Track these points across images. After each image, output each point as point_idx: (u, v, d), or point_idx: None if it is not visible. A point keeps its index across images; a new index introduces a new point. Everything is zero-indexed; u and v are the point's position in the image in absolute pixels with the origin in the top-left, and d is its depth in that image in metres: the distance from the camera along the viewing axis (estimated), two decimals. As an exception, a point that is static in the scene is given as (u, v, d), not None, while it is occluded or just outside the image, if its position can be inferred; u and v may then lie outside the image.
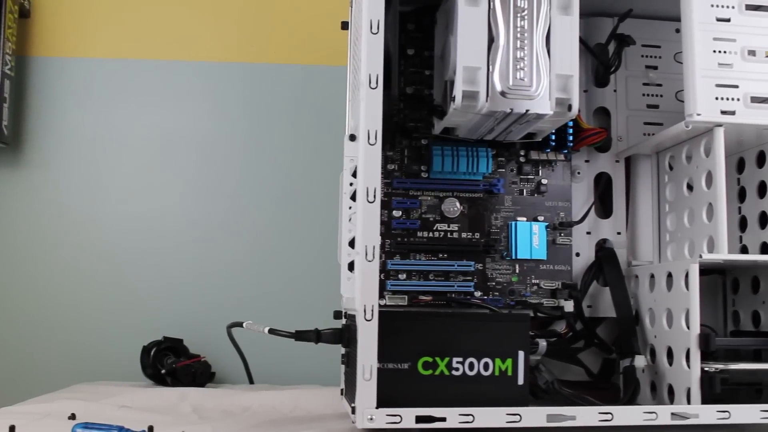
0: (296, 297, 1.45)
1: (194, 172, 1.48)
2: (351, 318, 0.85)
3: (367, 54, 0.81)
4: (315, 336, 0.86)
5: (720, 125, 0.93)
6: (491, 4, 0.86)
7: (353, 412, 0.80)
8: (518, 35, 0.86)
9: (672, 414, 0.85)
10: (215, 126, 1.50)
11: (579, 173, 1.09)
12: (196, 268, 1.46)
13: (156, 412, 1.03)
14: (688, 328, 0.90)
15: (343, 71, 1.06)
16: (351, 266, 0.88)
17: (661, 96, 1.13)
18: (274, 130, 1.50)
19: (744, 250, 1.04)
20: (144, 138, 1.48)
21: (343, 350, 0.93)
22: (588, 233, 1.09)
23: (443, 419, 0.80)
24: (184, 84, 1.50)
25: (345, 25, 1.07)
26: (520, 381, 0.85)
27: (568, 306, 1.03)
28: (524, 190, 1.05)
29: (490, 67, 0.85)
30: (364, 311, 0.78)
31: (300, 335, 0.87)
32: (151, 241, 1.46)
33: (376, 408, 0.78)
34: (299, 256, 1.46)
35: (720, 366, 0.89)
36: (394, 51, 0.90)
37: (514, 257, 1.03)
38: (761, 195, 1.01)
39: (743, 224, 1.05)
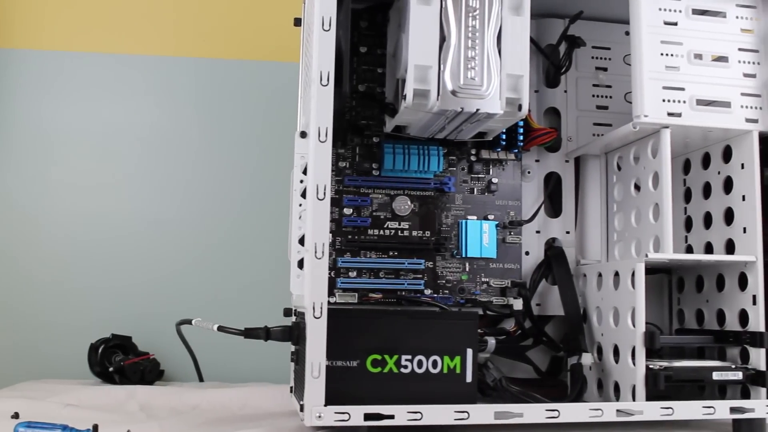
0: (247, 294, 1.44)
1: (144, 168, 1.46)
2: (300, 316, 0.85)
3: (319, 51, 0.81)
4: (264, 333, 0.86)
5: (666, 127, 0.94)
6: (443, 3, 0.87)
7: (302, 409, 0.80)
8: (469, 35, 0.87)
9: (617, 411, 0.87)
10: (167, 121, 1.48)
11: (529, 173, 1.10)
12: (146, 265, 1.44)
13: (102, 411, 1.02)
14: (634, 326, 0.92)
15: (296, 68, 1.06)
16: (301, 264, 0.88)
17: (611, 97, 1.14)
18: (226, 126, 1.49)
19: (689, 249, 1.06)
20: (94, 133, 1.46)
21: (292, 348, 0.93)
22: (537, 232, 1.10)
23: (392, 417, 0.80)
24: (135, 78, 1.48)
25: (298, 22, 1.07)
26: (469, 378, 0.85)
27: (517, 304, 1.04)
28: (475, 189, 1.06)
29: (442, 66, 0.86)
30: (313, 309, 0.78)
31: (249, 333, 0.87)
32: (100, 237, 1.44)
33: (325, 406, 0.78)
34: (250, 254, 1.46)
35: (664, 363, 0.91)
36: (346, 48, 0.89)
37: (464, 255, 1.03)
38: (706, 196, 1.03)
39: (689, 224, 1.06)
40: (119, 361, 1.28)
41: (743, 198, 0.95)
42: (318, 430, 0.85)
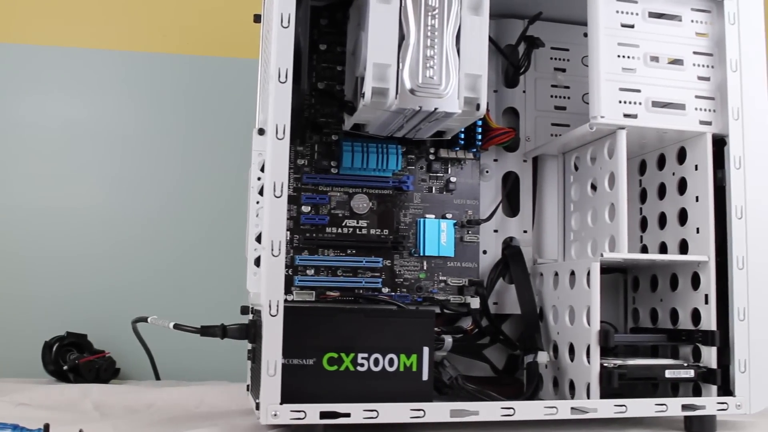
0: (204, 292, 1.43)
1: (101, 164, 1.45)
2: (257, 313, 0.85)
3: (277, 48, 0.81)
4: (221, 331, 0.86)
5: (623, 128, 0.95)
6: (402, 2, 0.87)
7: (257, 408, 0.80)
8: (428, 34, 0.87)
9: (572, 408, 0.88)
10: (125, 117, 1.46)
11: (487, 172, 1.11)
12: (102, 262, 1.42)
13: (55, 410, 1.01)
14: (589, 324, 0.92)
15: (256, 65, 1.05)
16: (257, 262, 0.88)
17: (569, 98, 1.15)
18: (184, 122, 1.48)
19: (644, 249, 1.07)
20: (51, 128, 1.44)
21: (249, 346, 0.93)
22: (495, 231, 1.10)
23: (347, 415, 0.80)
24: (93, 73, 1.47)
25: (257, 18, 1.06)
26: (425, 377, 0.86)
27: (475, 303, 1.04)
28: (433, 188, 1.06)
29: (400, 64, 0.86)
30: (269, 307, 0.77)
31: (206, 331, 0.86)
32: (54, 233, 1.42)
33: (281, 404, 0.78)
34: (207, 251, 1.45)
35: (618, 362, 0.92)
36: (305, 45, 0.89)
37: (422, 254, 1.04)
38: (661, 196, 1.04)
39: (644, 224, 1.08)
40: (74, 360, 1.26)
41: (696, 199, 0.97)
42: (273, 429, 0.85)
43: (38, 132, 1.43)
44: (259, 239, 0.87)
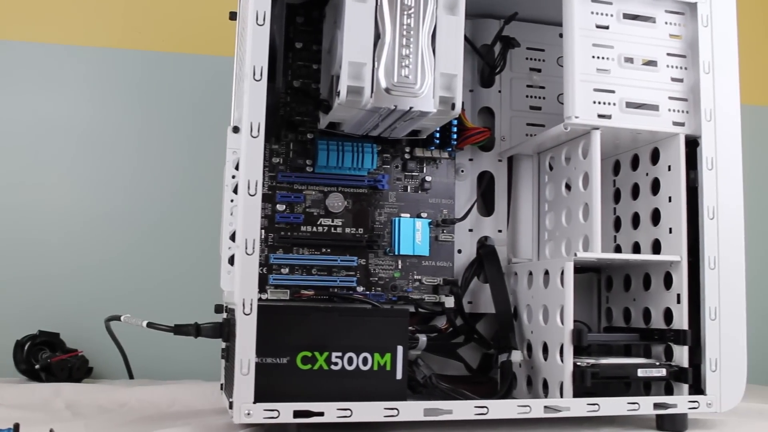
0: (178, 291, 1.42)
1: (74, 161, 1.43)
2: (231, 312, 0.84)
3: (252, 45, 0.81)
4: (194, 330, 0.85)
5: (597, 128, 0.96)
6: (378, 1, 0.87)
7: (231, 407, 0.79)
8: (404, 33, 0.87)
9: (545, 407, 0.88)
10: (99, 114, 1.45)
11: (462, 171, 1.11)
12: (75, 260, 1.41)
13: (26, 409, 1.00)
14: (563, 324, 0.93)
15: (231, 62, 1.05)
16: (231, 260, 0.87)
17: (544, 98, 1.16)
18: (159, 119, 1.47)
19: (618, 249, 1.08)
20: (22, 124, 1.43)
21: (223, 345, 0.93)
22: (470, 230, 1.11)
23: (321, 414, 0.80)
24: (66, 70, 1.45)
25: (233, 16, 1.06)
26: (399, 376, 0.86)
27: (449, 302, 1.04)
28: (408, 187, 1.06)
29: (376, 63, 0.86)
30: (243, 305, 0.77)
31: (179, 329, 0.86)
32: (27, 231, 1.40)
33: (254, 403, 0.78)
34: (181, 249, 1.44)
35: (591, 361, 0.92)
36: (280, 43, 0.89)
37: (396, 253, 1.04)
38: (635, 197, 1.05)
39: (618, 224, 1.08)
40: (46, 359, 1.25)
41: (669, 199, 0.98)
42: (247, 428, 0.85)
43: (9, 129, 1.42)
44: (233, 238, 0.87)
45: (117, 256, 1.42)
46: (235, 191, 0.86)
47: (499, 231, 1.12)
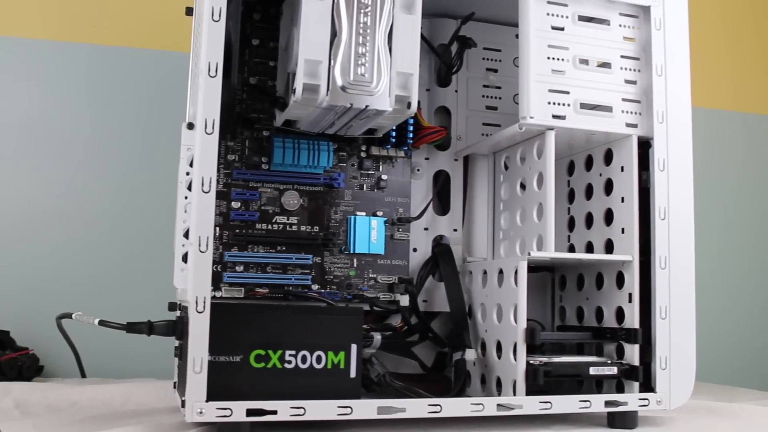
0: (131, 288, 1.40)
1: (24, 155, 1.41)
2: (184, 310, 0.83)
3: (208, 42, 0.81)
4: (147, 328, 0.84)
5: (551, 129, 0.96)
6: (336, -1, 0.87)
7: (183, 405, 0.79)
8: (361, 31, 0.87)
9: (498, 405, 0.89)
10: (50, 108, 1.43)
11: (418, 170, 1.11)
12: (25, 256, 1.39)
13: (-26, 408, 0.98)
14: (516, 322, 0.94)
15: (188, 58, 1.04)
16: (185, 258, 0.87)
17: (500, 98, 1.17)
18: (114, 115, 1.45)
19: (572, 249, 1.09)
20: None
21: (176, 343, 0.92)
22: (425, 229, 1.11)
23: (274, 412, 0.80)
24: (17, 63, 1.43)
25: (189, 11, 1.05)
26: (353, 374, 0.86)
27: (404, 300, 1.04)
28: (364, 185, 1.06)
29: (332, 61, 0.86)
30: (196, 303, 0.77)
31: (132, 327, 0.85)
32: (-23, 227, 1.38)
33: (207, 401, 0.77)
34: (135, 246, 1.42)
35: (544, 359, 0.93)
36: (236, 40, 0.88)
37: (352, 251, 1.04)
38: (588, 197, 1.06)
39: (572, 224, 1.09)
40: (-5, 357, 1.23)
41: (622, 200, 0.99)
42: (199, 426, 0.84)
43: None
44: (187, 235, 0.86)
45: (70, 253, 1.41)
46: (190, 188, 0.86)
47: (455, 230, 1.13)
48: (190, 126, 0.91)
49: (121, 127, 1.45)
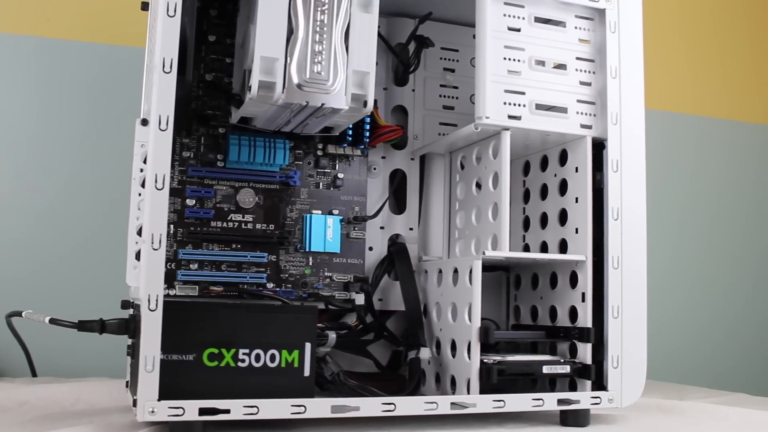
0: (84, 286, 1.39)
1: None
2: (137, 308, 0.83)
3: (162, 37, 0.80)
4: (99, 326, 0.83)
5: (507, 129, 0.97)
6: (293, -5, 0.86)
7: (135, 404, 0.78)
8: (317, 29, 0.86)
9: (452, 404, 0.89)
10: (2, 101, 1.41)
11: (375, 169, 1.11)
12: (-25, 253, 1.37)
13: None
14: (470, 321, 0.94)
15: (143, 53, 1.03)
16: (138, 255, 0.86)
17: (457, 98, 1.17)
18: (70, 109, 1.43)
19: (527, 248, 1.10)
20: None
21: (129, 341, 0.91)
22: (381, 228, 1.11)
23: (227, 411, 0.79)
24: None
25: (145, 6, 1.04)
26: (306, 372, 0.85)
27: (359, 299, 1.04)
28: (320, 184, 1.06)
29: (288, 58, 0.85)
30: (148, 301, 0.76)
31: (83, 325, 0.84)
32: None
33: (159, 400, 0.76)
34: (88, 243, 1.41)
35: (497, 358, 0.94)
36: (191, 36, 0.88)
37: (307, 250, 1.03)
38: (543, 197, 1.07)
39: (527, 224, 1.10)
40: (-57, 355, 1.21)
41: (576, 200, 1.00)
42: (151, 426, 0.84)
43: None
44: (140, 232, 0.85)
45: (20, 251, 1.38)
46: (143, 185, 0.85)
47: (411, 229, 1.13)
48: (144, 122, 0.90)
49: (75, 123, 1.43)
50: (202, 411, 0.78)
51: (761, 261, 1.95)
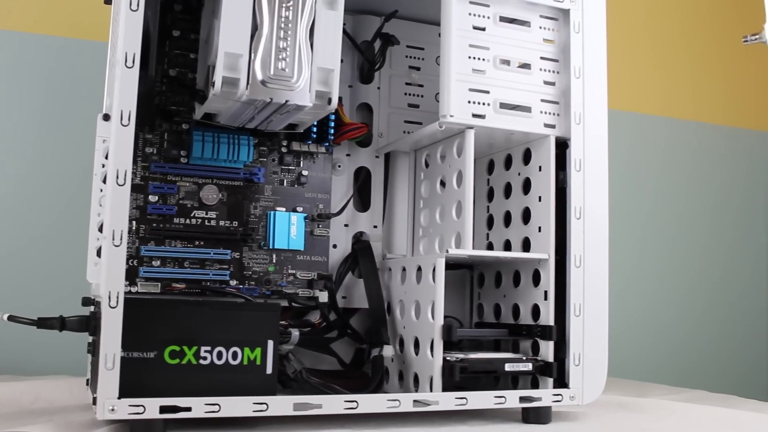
0: (44, 282, 1.37)
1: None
2: (98, 305, 0.82)
3: (125, 31, 0.79)
4: (59, 323, 0.82)
5: (471, 127, 0.97)
6: (257, -8, 0.86)
7: (95, 403, 0.77)
8: (282, 25, 0.86)
9: (414, 401, 0.89)
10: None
11: (339, 166, 1.11)
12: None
13: None
14: (433, 319, 0.94)
15: (106, 48, 1.02)
16: (100, 252, 0.85)
17: (422, 96, 1.17)
18: (30, 103, 1.41)
19: (490, 246, 1.10)
20: None
21: (90, 339, 0.90)
22: (346, 226, 1.11)
23: (188, 409, 0.79)
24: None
25: (108, 0, 1.02)
26: (269, 370, 0.85)
27: (323, 297, 1.04)
28: (285, 181, 1.06)
29: (253, 54, 0.85)
30: (109, 298, 0.75)
31: (43, 323, 0.83)
32: None
33: (119, 398, 0.76)
34: (48, 240, 1.39)
35: (460, 355, 0.94)
36: (154, 30, 0.87)
37: (271, 247, 1.03)
38: (507, 196, 1.07)
39: (491, 222, 1.11)
40: None
41: (539, 199, 1.00)
42: (111, 424, 0.83)
43: None
44: (101, 229, 0.85)
45: (-21, 246, 1.36)
46: (105, 181, 0.84)
47: (375, 227, 1.13)
48: (106, 117, 0.90)
49: (38, 117, 1.41)
50: (163, 409, 0.78)
51: (724, 262, 1.98)
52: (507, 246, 1.06)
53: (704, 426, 0.99)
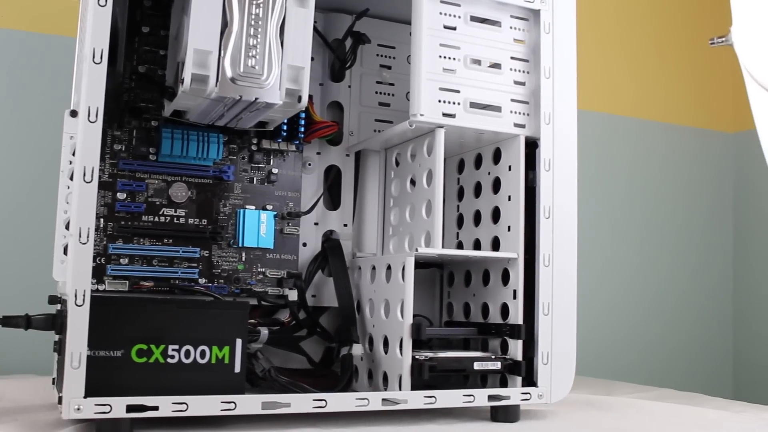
0: (8, 280, 1.35)
1: None
2: (64, 303, 0.81)
3: (93, 27, 0.79)
4: (25, 322, 0.82)
5: (441, 127, 0.98)
6: (227, -12, 0.85)
7: (60, 402, 0.76)
8: (252, 22, 0.86)
9: (383, 400, 0.89)
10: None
11: (310, 165, 1.11)
12: None
13: None
14: (403, 317, 0.94)
15: (75, 43, 1.01)
16: (66, 250, 0.84)
17: (393, 95, 1.17)
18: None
19: (460, 245, 1.10)
20: None
21: (56, 337, 0.89)
22: (316, 224, 1.11)
23: (155, 408, 0.78)
24: None
25: (77, -5, 1.02)
26: (237, 369, 0.85)
27: (293, 295, 1.04)
28: (254, 179, 1.05)
29: (222, 52, 0.84)
30: (75, 296, 0.75)
31: (7, 321, 0.82)
32: None
33: (85, 397, 0.75)
34: (14, 237, 1.37)
35: (429, 354, 0.94)
36: (123, 26, 0.86)
37: (240, 245, 1.02)
38: (477, 195, 1.08)
39: (461, 221, 1.11)
40: None
41: (509, 198, 1.01)
42: (77, 423, 0.82)
43: None
44: (68, 226, 0.84)
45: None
46: (72, 178, 0.83)
47: (345, 225, 1.13)
48: (74, 114, 0.89)
49: (4, 113, 1.39)
50: (130, 408, 0.77)
51: (693, 263, 2.00)
52: (477, 245, 1.07)
53: (670, 423, 1.00)
